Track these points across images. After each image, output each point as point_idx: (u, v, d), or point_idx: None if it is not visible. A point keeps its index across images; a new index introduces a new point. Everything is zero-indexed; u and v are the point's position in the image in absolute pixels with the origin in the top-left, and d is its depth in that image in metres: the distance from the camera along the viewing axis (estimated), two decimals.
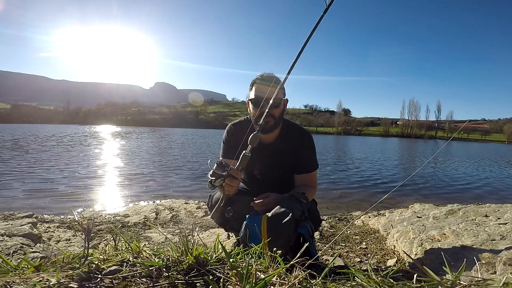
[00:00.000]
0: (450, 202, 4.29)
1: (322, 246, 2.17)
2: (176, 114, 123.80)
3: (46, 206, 4.09)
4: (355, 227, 2.79)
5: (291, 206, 1.25)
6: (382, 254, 1.99)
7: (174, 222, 2.86)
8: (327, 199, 5.23)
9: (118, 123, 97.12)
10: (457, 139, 74.88)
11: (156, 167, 8.38)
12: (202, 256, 0.63)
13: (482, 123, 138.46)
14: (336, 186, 6.63)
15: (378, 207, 3.93)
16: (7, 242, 1.76)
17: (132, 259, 0.62)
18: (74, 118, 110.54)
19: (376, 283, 0.54)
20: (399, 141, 51.39)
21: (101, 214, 3.19)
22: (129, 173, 7.18)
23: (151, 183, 6.10)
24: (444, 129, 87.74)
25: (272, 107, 1.46)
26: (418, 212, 2.83)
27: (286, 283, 0.55)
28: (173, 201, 3.78)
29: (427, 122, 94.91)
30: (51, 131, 33.75)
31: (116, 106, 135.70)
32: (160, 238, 2.31)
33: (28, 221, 2.25)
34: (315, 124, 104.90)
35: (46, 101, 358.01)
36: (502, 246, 1.49)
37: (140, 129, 58.28)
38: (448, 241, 1.75)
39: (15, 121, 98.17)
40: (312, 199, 1.57)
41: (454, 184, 7.63)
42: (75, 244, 2.10)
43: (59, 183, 5.66)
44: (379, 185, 6.99)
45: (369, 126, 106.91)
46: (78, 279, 0.53)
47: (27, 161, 8.61)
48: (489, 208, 2.60)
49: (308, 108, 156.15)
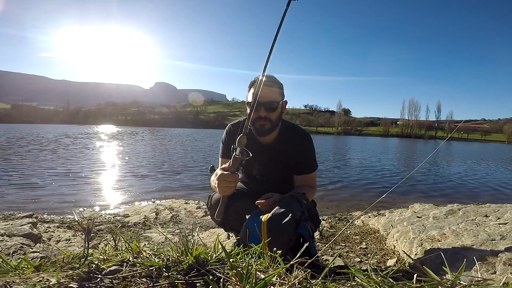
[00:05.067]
0: (450, 202, 4.30)
1: (322, 246, 2.17)
2: (176, 114, 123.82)
3: (46, 206, 4.08)
4: (355, 227, 2.79)
5: (291, 206, 1.25)
6: (382, 254, 1.99)
7: (174, 222, 2.86)
8: (327, 199, 5.23)
9: (118, 123, 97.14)
10: (457, 139, 74.88)
11: (156, 167, 8.38)
12: (202, 256, 0.63)
13: (482, 123, 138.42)
14: (336, 186, 6.63)
15: (378, 207, 3.93)
16: (7, 242, 1.76)
17: (132, 259, 0.62)
18: (74, 118, 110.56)
19: (376, 283, 0.54)
20: (399, 141, 51.39)
21: (101, 214, 3.19)
22: (129, 173, 7.18)
23: (151, 183, 6.10)
24: (444, 129, 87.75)
25: (269, 110, 1.46)
26: (418, 212, 2.83)
27: (286, 283, 0.55)
28: (173, 201, 3.78)
29: (427, 122, 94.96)
30: (51, 131, 33.76)
31: (116, 106, 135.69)
32: (160, 238, 2.31)
33: (28, 221, 2.25)
34: (315, 124, 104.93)
35: (46, 101, 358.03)
36: (502, 246, 1.49)
37: (140, 129, 58.29)
38: (448, 241, 1.75)
39: (15, 121, 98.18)
40: (311, 200, 1.57)
41: (454, 184, 7.63)
42: (75, 244, 2.10)
43: (59, 183, 5.65)
44: (379, 185, 6.98)
45: (369, 126, 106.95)
46: (78, 279, 0.53)
47: (27, 161, 8.61)
48: (489, 208, 2.60)
49: (308, 108, 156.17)
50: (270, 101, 1.45)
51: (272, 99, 1.46)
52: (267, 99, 1.44)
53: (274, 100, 1.47)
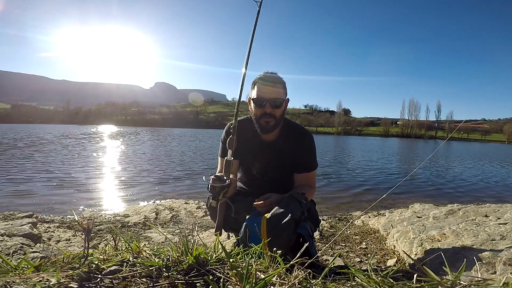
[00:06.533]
0: (450, 202, 4.29)
1: (322, 246, 2.17)
2: (176, 114, 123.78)
3: (46, 206, 4.08)
4: (355, 227, 2.79)
5: (290, 206, 1.25)
6: (382, 254, 1.99)
7: (174, 222, 2.86)
8: (327, 199, 5.23)
9: (118, 123, 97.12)
10: (457, 139, 74.84)
11: (156, 167, 8.38)
12: (202, 256, 0.63)
13: (482, 123, 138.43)
14: (336, 186, 6.63)
15: (378, 207, 3.93)
16: (7, 242, 1.76)
17: (132, 259, 0.62)
18: (74, 118, 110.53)
19: (376, 283, 0.54)
20: (399, 141, 51.40)
21: (101, 214, 3.19)
22: (129, 173, 7.18)
23: (151, 183, 6.10)
24: (444, 129, 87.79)
25: (274, 107, 1.47)
26: (418, 212, 2.83)
27: (286, 283, 0.55)
28: (173, 201, 3.78)
29: (427, 122, 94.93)
30: (50, 131, 33.75)
31: (116, 106, 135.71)
32: (160, 238, 2.31)
33: (28, 221, 2.25)
34: (315, 124, 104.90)
35: (46, 101, 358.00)
36: (502, 246, 1.49)
37: (140, 129, 58.29)
38: (448, 241, 1.75)
39: (15, 121, 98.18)
40: (311, 199, 1.57)
41: (454, 184, 7.63)
42: (75, 244, 2.10)
43: (59, 183, 5.65)
44: (379, 185, 6.98)
45: (369, 126, 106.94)
46: (78, 279, 0.53)
47: (26, 161, 8.61)
48: (489, 208, 2.60)
49: (308, 108, 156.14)
50: (275, 98, 1.47)
51: (277, 96, 1.48)
52: (272, 96, 1.45)
53: (279, 97, 1.48)
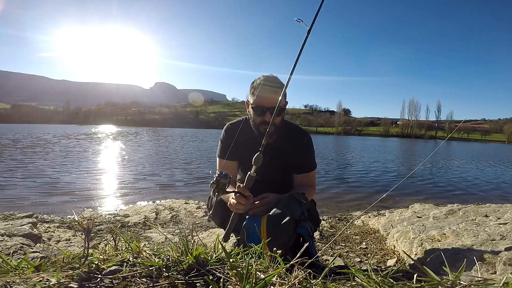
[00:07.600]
0: (450, 202, 4.29)
1: (322, 246, 2.17)
2: (176, 114, 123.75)
3: (46, 206, 4.08)
4: (355, 227, 2.79)
5: (290, 206, 1.25)
6: (382, 254, 1.99)
7: (174, 222, 2.86)
8: (327, 199, 5.23)
9: (118, 123, 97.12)
10: (457, 139, 74.85)
11: (156, 167, 8.38)
12: (202, 256, 0.63)
13: (482, 123, 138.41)
14: (336, 186, 6.63)
15: (378, 207, 3.93)
16: (7, 242, 1.76)
17: (132, 259, 0.62)
18: (74, 118, 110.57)
19: (376, 283, 0.54)
20: (399, 141, 51.39)
21: (101, 214, 3.19)
22: (129, 173, 7.19)
23: (151, 183, 6.10)
24: (444, 129, 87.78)
25: (276, 115, 1.43)
26: (418, 212, 2.83)
27: (286, 283, 0.55)
28: (173, 201, 3.78)
29: (427, 122, 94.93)
30: (50, 131, 33.75)
31: (116, 106, 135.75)
32: (160, 238, 2.31)
33: (28, 221, 2.25)
34: (315, 124, 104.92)
35: (46, 101, 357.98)
36: (502, 246, 1.49)
37: (140, 129, 58.29)
38: (448, 241, 1.75)
39: (15, 121, 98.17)
40: (311, 199, 1.57)
41: (454, 184, 7.63)
42: (75, 244, 2.10)
43: (59, 183, 5.65)
44: (379, 185, 6.98)
45: (369, 126, 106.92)
46: (78, 279, 0.53)
47: (26, 161, 8.61)
48: (489, 208, 2.60)
49: (308, 108, 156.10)
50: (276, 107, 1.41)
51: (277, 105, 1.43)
52: (273, 105, 1.40)
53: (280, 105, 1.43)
